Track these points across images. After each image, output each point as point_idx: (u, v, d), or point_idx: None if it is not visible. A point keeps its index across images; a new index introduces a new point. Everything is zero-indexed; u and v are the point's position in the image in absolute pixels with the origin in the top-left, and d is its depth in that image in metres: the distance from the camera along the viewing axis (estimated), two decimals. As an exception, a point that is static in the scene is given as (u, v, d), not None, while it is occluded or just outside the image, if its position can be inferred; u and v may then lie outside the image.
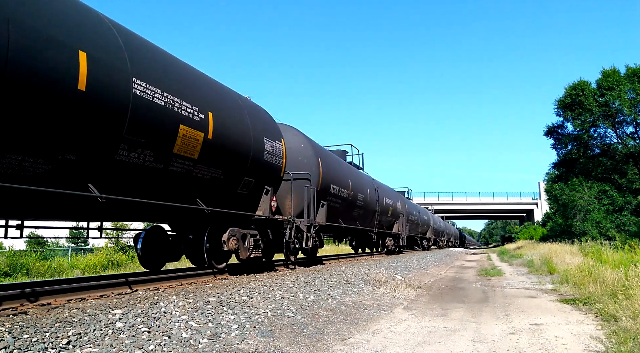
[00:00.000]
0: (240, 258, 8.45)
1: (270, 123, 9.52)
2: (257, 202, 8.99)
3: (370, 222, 17.73)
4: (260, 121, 8.93)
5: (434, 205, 63.54)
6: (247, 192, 8.46)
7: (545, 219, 53.47)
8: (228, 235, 7.85)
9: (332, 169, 12.93)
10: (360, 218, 16.18)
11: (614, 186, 28.98)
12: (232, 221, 8.22)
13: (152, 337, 4.05)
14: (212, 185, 7.35)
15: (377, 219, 18.53)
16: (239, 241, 8.09)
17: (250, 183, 8.43)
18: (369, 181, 18.01)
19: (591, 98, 28.44)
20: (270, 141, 9.09)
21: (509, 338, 5.04)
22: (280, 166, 9.45)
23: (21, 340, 3.42)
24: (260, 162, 8.56)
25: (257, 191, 8.85)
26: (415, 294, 8.92)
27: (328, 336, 5.04)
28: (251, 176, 8.33)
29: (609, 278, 8.08)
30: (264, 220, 9.10)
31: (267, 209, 8.98)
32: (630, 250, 12.83)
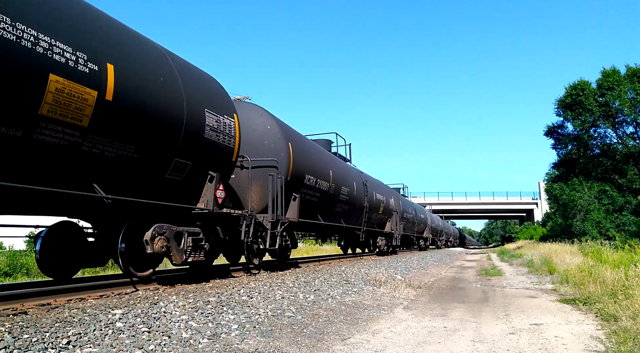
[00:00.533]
0: (173, 263, 6.73)
1: (217, 94, 7.72)
2: (199, 192, 7.23)
3: (357, 220, 16.00)
4: (201, 88, 7.17)
5: (434, 205, 63.58)
6: (181, 178, 6.68)
7: (545, 219, 53.46)
8: (152, 233, 6.14)
9: (307, 156, 11.06)
10: (345, 215, 14.42)
11: (614, 186, 28.99)
12: (161, 215, 6.55)
13: (152, 337, 4.05)
14: (120, 166, 5.58)
15: (365, 216, 16.65)
16: (170, 242, 6.42)
17: (186, 167, 6.63)
18: (356, 174, 16.13)
19: (591, 98, 28.45)
20: (216, 115, 7.25)
21: (509, 338, 5.04)
22: (231, 148, 7.65)
23: (21, 340, 3.42)
24: (200, 140, 6.78)
25: (198, 178, 7.08)
26: (415, 294, 8.92)
27: (328, 336, 5.04)
28: (186, 157, 6.56)
29: (609, 278, 8.08)
30: (207, 215, 7.33)
31: (211, 201, 7.19)
32: (630, 250, 12.83)
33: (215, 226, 7.74)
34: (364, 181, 16.28)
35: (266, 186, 9.30)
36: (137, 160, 5.78)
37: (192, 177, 6.86)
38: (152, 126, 5.82)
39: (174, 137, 6.23)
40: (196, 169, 6.86)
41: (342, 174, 13.84)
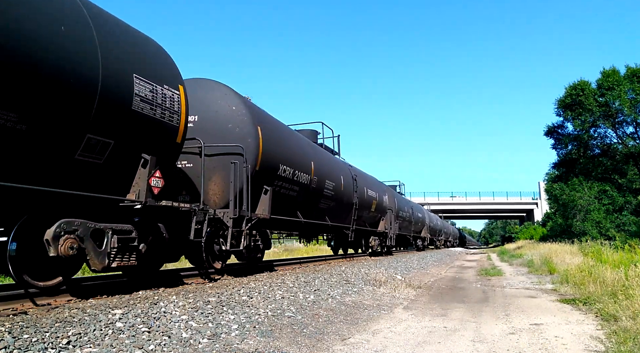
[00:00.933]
0: (92, 269, 5.40)
1: (155, 58, 6.31)
2: (130, 180, 5.84)
3: (346, 218, 14.62)
4: (130, 49, 5.76)
5: (434, 205, 63.52)
6: (100, 161, 5.30)
7: (545, 219, 53.46)
8: (56, 230, 4.83)
9: (282, 144, 9.75)
10: (331, 212, 13.07)
11: (614, 186, 28.99)
12: (75, 209, 5.23)
13: (152, 336, 4.05)
14: None
15: (355, 214, 15.17)
16: (84, 242, 5.11)
17: (106, 147, 5.27)
18: (344, 168, 14.66)
19: (591, 98, 28.45)
20: (151, 83, 5.89)
21: (509, 338, 5.04)
22: (173, 125, 6.29)
23: (21, 340, 3.42)
24: (125, 112, 5.41)
25: (125, 163, 5.70)
26: (415, 294, 8.92)
27: (328, 336, 5.04)
28: (105, 134, 5.20)
29: (609, 278, 8.08)
30: (142, 209, 5.92)
31: (144, 191, 5.79)
32: (630, 250, 12.83)
33: (156, 223, 6.42)
34: (353, 175, 14.88)
35: (227, 176, 7.96)
36: (24, 133, 4.35)
37: (117, 160, 5.49)
38: (45, 87, 4.43)
39: (83, 105, 4.83)
40: (121, 150, 5.49)
41: (328, 167, 12.51)
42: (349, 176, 14.49)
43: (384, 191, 19.99)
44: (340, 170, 13.85)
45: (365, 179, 17.35)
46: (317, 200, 11.85)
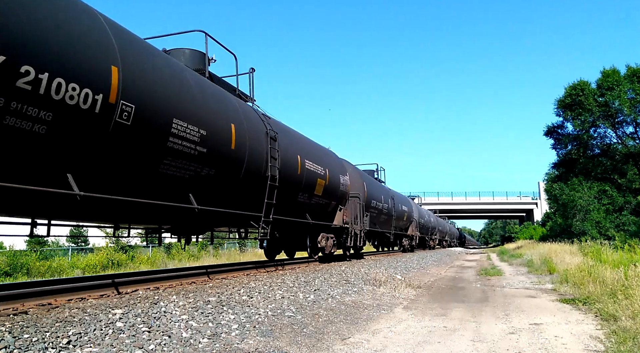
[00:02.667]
0: None
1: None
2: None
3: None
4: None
5: (434, 205, 63.52)
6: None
7: (545, 219, 53.47)
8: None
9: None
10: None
11: (613, 186, 28.99)
12: None
13: (153, 336, 4.06)
14: None
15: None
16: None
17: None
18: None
19: (591, 98, 28.46)
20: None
21: (508, 338, 5.04)
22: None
23: (21, 340, 3.42)
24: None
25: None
26: (415, 294, 8.92)
27: (328, 336, 5.04)
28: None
29: (609, 278, 8.08)
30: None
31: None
32: (630, 250, 12.85)
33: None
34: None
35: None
36: None
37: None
38: None
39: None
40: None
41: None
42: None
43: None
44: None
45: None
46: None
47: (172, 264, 19.56)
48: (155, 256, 21.74)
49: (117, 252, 20.32)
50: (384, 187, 21.81)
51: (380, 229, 19.95)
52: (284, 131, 10.39)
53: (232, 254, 26.65)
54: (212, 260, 22.02)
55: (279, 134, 9.50)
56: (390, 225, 21.35)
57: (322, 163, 11.98)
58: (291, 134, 11.19)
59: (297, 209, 10.89)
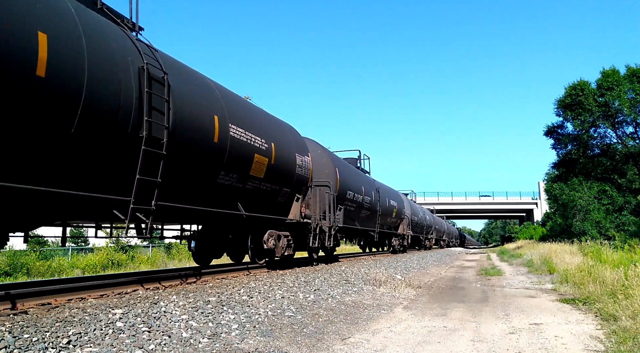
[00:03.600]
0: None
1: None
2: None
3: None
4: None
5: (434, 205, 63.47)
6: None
7: (545, 219, 53.48)
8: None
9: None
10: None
11: (613, 186, 28.99)
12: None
13: (153, 336, 4.06)
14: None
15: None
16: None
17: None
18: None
19: (591, 98, 28.45)
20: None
21: (508, 338, 5.04)
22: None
23: (21, 340, 3.42)
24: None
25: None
26: (415, 294, 8.92)
27: (328, 336, 5.04)
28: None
29: (609, 277, 8.08)
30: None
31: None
32: (630, 250, 12.84)
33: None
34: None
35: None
36: None
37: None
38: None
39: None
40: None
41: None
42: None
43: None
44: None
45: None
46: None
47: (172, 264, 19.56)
48: (155, 256, 21.74)
49: (117, 252, 20.31)
50: (366, 177, 18.20)
51: (361, 226, 16.46)
52: (189, 75, 7.24)
53: None
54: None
55: (175, 77, 6.54)
56: (374, 222, 18.24)
57: (265, 134, 8.96)
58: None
59: (220, 196, 7.89)
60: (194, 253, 10.01)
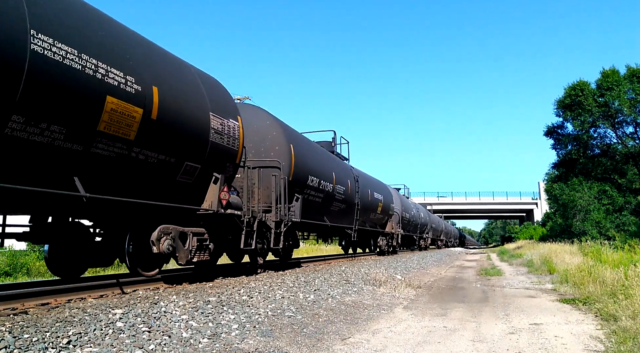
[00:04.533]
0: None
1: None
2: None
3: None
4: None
5: (434, 205, 63.50)
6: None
7: (545, 219, 53.48)
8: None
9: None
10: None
11: (613, 186, 28.99)
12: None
13: (153, 336, 4.06)
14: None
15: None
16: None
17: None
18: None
19: (591, 98, 28.45)
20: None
21: (508, 338, 5.04)
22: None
23: (22, 340, 3.42)
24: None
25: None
26: (415, 294, 8.92)
27: (328, 336, 5.04)
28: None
29: (609, 278, 8.08)
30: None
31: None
32: (630, 250, 12.86)
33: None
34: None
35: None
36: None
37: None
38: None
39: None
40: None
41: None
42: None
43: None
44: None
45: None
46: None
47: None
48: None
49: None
50: (341, 163, 15.06)
51: (332, 222, 13.23)
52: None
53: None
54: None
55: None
56: (352, 218, 15.10)
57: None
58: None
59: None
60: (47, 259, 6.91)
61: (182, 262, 6.95)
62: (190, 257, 7.04)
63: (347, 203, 14.42)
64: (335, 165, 13.98)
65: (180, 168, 6.72)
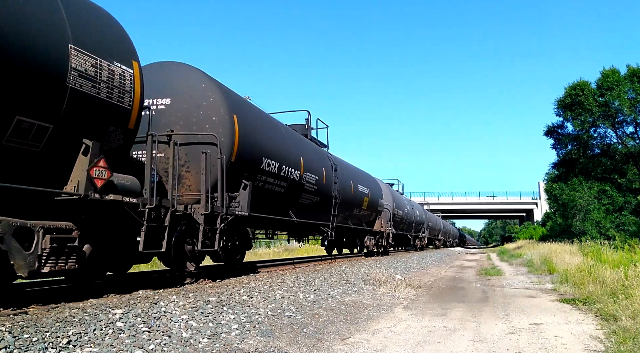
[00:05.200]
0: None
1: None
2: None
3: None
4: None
5: (434, 205, 63.49)
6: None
7: (545, 219, 53.48)
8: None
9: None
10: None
11: (613, 186, 29.00)
12: None
13: (153, 336, 4.06)
14: None
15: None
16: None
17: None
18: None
19: (591, 98, 28.45)
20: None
21: (508, 338, 5.04)
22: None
23: (21, 340, 3.42)
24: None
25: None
26: (415, 294, 8.92)
27: (328, 336, 5.04)
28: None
29: (609, 277, 8.08)
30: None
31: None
32: (630, 250, 12.85)
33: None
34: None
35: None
36: None
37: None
38: None
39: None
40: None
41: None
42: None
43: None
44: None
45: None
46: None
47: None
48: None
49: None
50: (314, 147, 12.74)
51: (300, 218, 10.99)
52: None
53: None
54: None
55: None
56: (328, 213, 12.99)
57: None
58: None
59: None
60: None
61: (23, 274, 4.56)
62: (37, 266, 4.64)
63: (322, 195, 11.89)
64: (306, 149, 11.41)
65: (9, 124, 4.41)
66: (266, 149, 9.06)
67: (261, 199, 9.12)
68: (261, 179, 8.97)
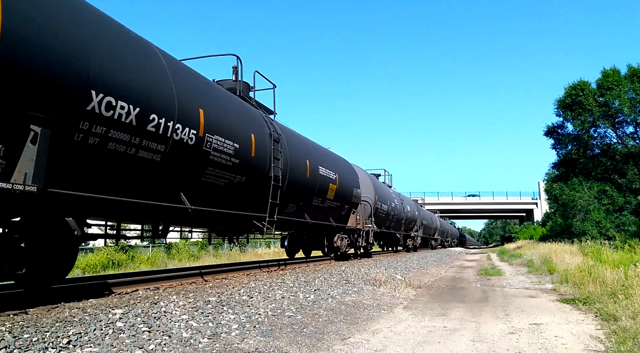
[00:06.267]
0: None
1: None
2: None
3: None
4: None
5: (434, 205, 63.50)
6: None
7: (545, 219, 53.48)
8: None
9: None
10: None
11: (613, 186, 29.00)
12: None
13: (153, 336, 4.06)
14: None
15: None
16: None
17: None
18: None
19: (591, 98, 28.46)
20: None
21: (508, 338, 5.04)
22: None
23: (21, 340, 3.42)
24: None
25: None
26: (415, 294, 8.92)
27: (328, 336, 5.04)
28: None
29: (609, 278, 8.08)
30: None
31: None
32: (630, 250, 12.86)
33: None
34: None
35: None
36: None
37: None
38: None
39: None
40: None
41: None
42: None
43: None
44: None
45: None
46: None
47: (172, 264, 19.54)
48: (155, 256, 21.71)
49: (118, 252, 20.28)
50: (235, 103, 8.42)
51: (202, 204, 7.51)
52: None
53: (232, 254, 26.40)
54: (212, 260, 22.00)
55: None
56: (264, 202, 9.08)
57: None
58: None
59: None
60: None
61: None
62: None
63: (250, 173, 8.16)
64: (216, 100, 7.50)
65: None
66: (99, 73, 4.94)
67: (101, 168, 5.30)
68: (92, 129, 4.90)
